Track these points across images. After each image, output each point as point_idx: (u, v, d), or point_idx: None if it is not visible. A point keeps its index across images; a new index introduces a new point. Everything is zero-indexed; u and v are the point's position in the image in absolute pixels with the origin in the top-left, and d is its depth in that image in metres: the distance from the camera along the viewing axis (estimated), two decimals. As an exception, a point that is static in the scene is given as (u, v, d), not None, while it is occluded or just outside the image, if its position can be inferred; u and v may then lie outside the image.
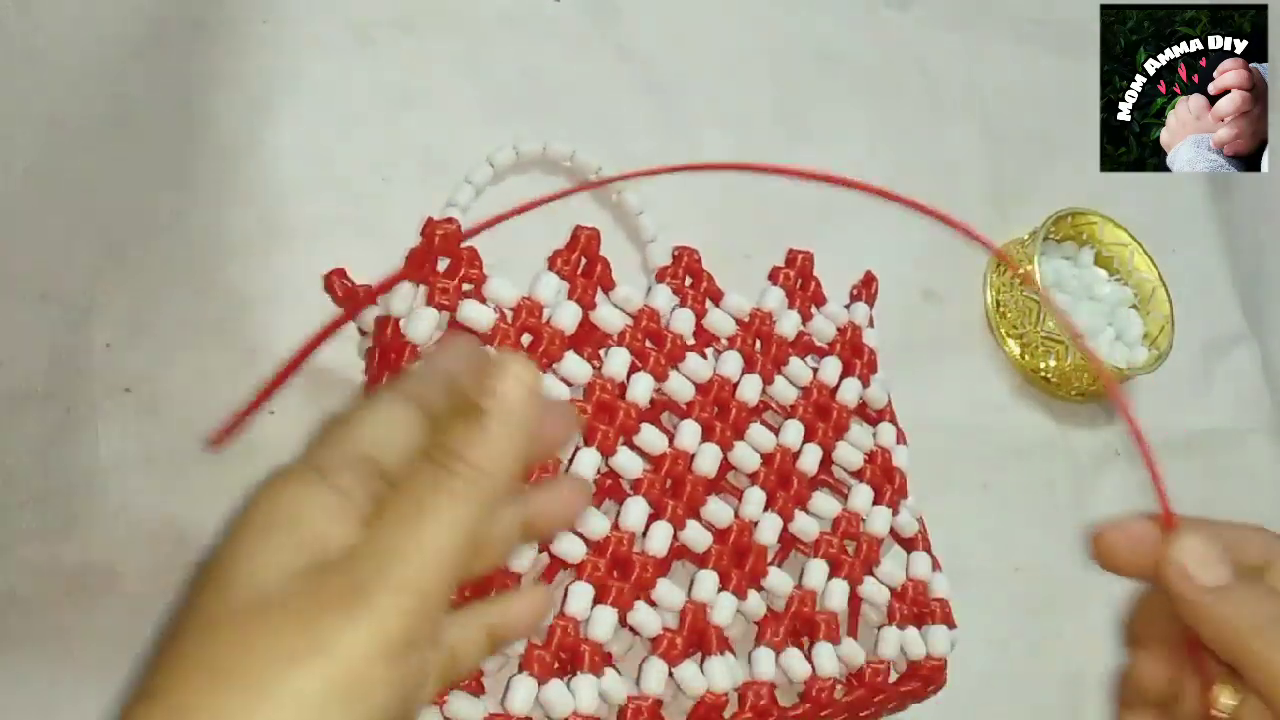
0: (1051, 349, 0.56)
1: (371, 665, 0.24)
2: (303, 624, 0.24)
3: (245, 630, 0.24)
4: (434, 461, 0.27)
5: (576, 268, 0.44)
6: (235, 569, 0.25)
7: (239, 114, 0.45)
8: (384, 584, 0.25)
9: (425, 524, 0.26)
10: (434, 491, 0.26)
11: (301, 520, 0.26)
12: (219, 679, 0.24)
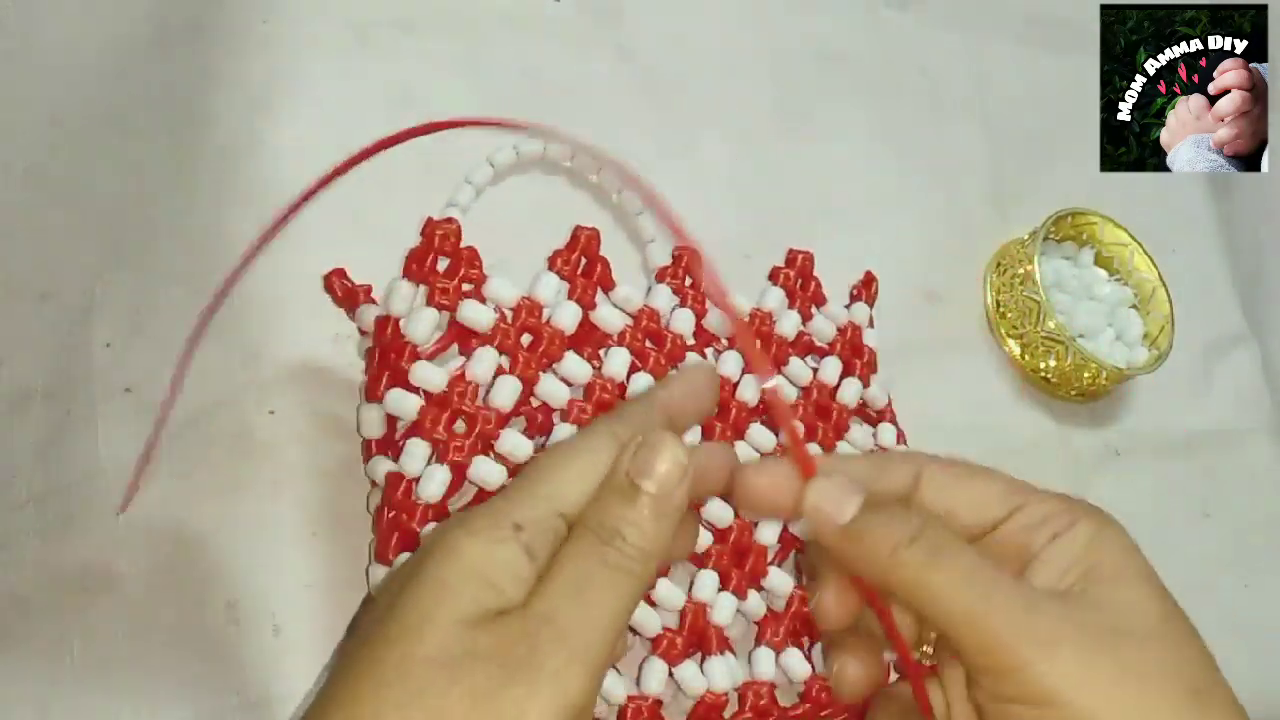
0: (1051, 349, 0.56)
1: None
2: (495, 691, 0.25)
3: (448, 686, 0.25)
4: (598, 537, 0.28)
5: (576, 268, 0.44)
6: (430, 623, 0.26)
7: (239, 114, 0.45)
8: (564, 657, 0.26)
9: (594, 596, 0.27)
10: (600, 567, 0.28)
11: (489, 579, 0.27)
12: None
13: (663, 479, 0.29)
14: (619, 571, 0.28)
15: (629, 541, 0.28)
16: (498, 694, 0.25)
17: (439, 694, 0.25)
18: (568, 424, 0.41)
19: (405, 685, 0.26)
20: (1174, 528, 0.58)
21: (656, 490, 0.29)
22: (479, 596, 0.27)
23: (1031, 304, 0.56)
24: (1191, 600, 0.60)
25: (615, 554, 0.28)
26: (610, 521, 0.28)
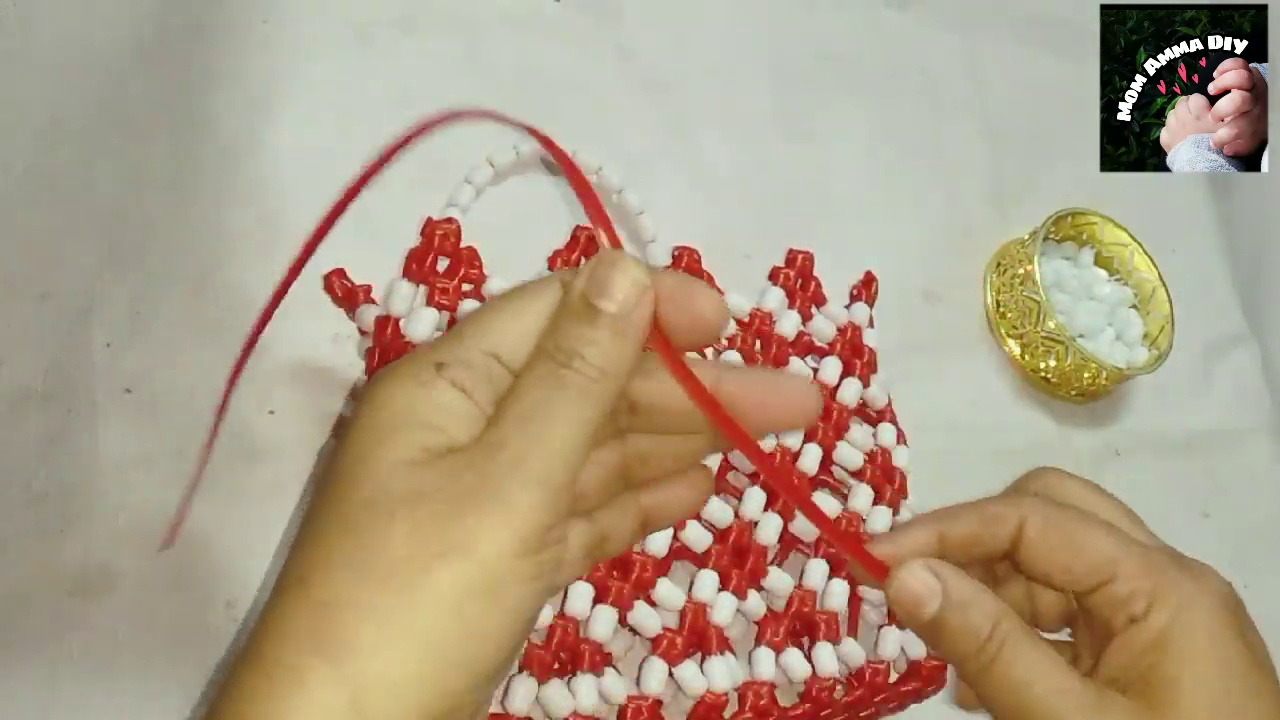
0: (1051, 349, 0.56)
1: (508, 563, 0.24)
2: (441, 523, 0.24)
3: (388, 526, 0.24)
4: (555, 360, 0.27)
5: (576, 267, 0.44)
6: (364, 465, 0.25)
7: (239, 114, 0.45)
8: (517, 481, 0.25)
9: (551, 422, 0.26)
10: (557, 389, 0.26)
11: (424, 419, 0.26)
12: (363, 576, 0.24)
13: (622, 297, 0.27)
14: (577, 393, 0.26)
15: (587, 361, 0.26)
16: (444, 525, 0.24)
17: (379, 532, 0.24)
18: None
19: (344, 530, 0.25)
20: (1174, 528, 0.58)
21: (616, 309, 0.27)
22: (416, 438, 0.26)
23: (1031, 304, 0.56)
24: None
25: (572, 375, 0.26)
26: (566, 343, 0.26)
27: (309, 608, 0.24)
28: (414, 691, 0.24)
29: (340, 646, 0.24)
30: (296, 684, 0.23)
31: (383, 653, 0.24)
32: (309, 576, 0.25)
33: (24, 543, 0.37)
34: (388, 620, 0.24)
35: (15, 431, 0.38)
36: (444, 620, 0.24)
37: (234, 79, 0.45)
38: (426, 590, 0.24)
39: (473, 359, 0.27)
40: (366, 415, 0.26)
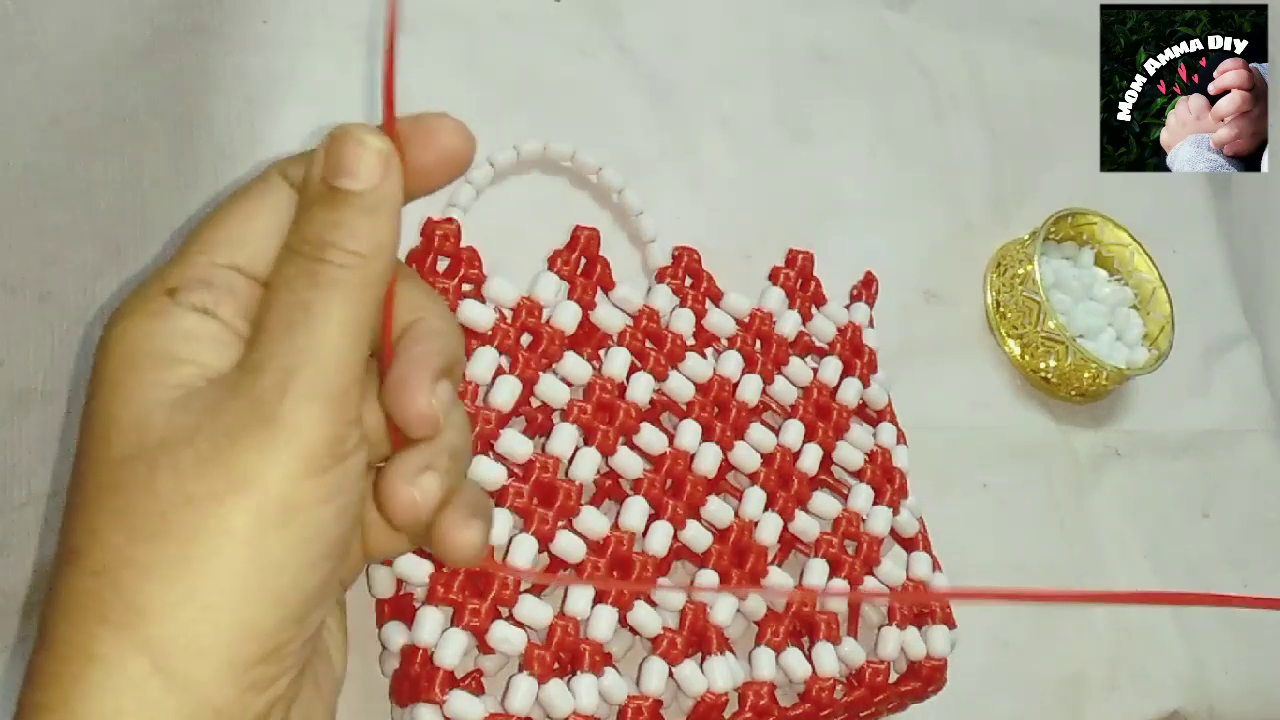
0: (1051, 349, 0.56)
1: (299, 486, 0.23)
2: (214, 458, 0.22)
3: (151, 476, 0.22)
4: (305, 256, 0.24)
5: (576, 268, 0.44)
6: (115, 416, 0.23)
7: (239, 114, 0.45)
8: (290, 399, 0.23)
9: (316, 325, 0.23)
10: (315, 288, 0.24)
11: (168, 354, 0.23)
12: (138, 531, 0.22)
13: (364, 170, 0.24)
14: (337, 286, 0.23)
15: (343, 249, 0.24)
16: (217, 462, 0.22)
17: (142, 484, 0.22)
18: (568, 424, 0.41)
19: (106, 489, 0.22)
20: (1174, 528, 0.58)
21: (361, 184, 0.24)
22: (164, 377, 0.23)
23: (1031, 304, 0.56)
24: (1191, 600, 0.60)
25: (330, 269, 0.23)
26: (314, 233, 0.24)
27: (87, 578, 0.22)
28: (221, 641, 0.22)
29: (128, 612, 0.22)
30: (91, 661, 0.22)
31: (176, 608, 0.22)
32: (80, 546, 0.23)
33: (24, 543, 0.37)
34: (174, 573, 0.22)
35: (15, 431, 0.38)
36: (237, 560, 0.22)
37: (234, 79, 0.45)
38: (211, 533, 0.22)
39: (209, 276, 0.24)
40: (102, 363, 0.24)
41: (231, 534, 0.22)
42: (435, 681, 0.36)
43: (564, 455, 0.40)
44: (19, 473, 0.38)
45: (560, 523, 0.39)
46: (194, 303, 0.24)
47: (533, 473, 0.39)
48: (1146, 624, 0.55)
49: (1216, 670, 0.55)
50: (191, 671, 0.22)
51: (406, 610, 0.38)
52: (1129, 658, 0.54)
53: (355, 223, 0.24)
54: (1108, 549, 0.56)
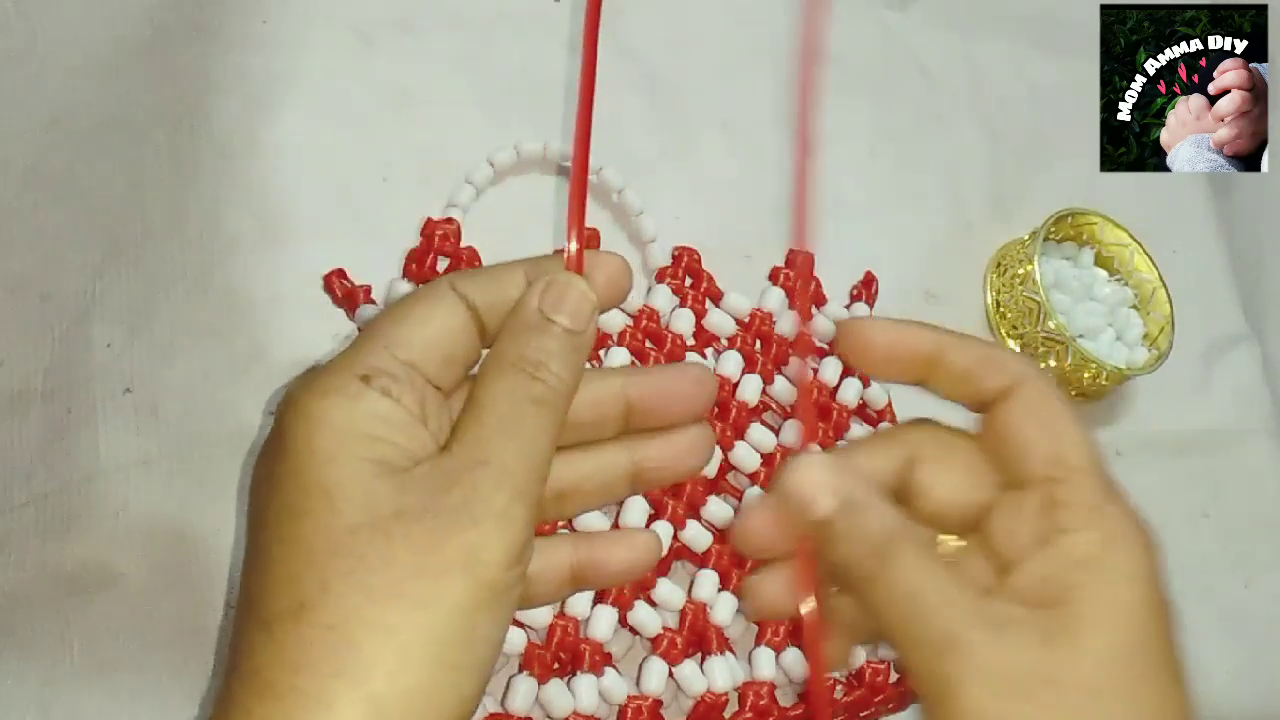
0: (1051, 349, 0.56)
1: (507, 572, 0.26)
2: (446, 539, 0.25)
3: (388, 545, 0.25)
4: (523, 373, 0.27)
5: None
6: (339, 484, 0.25)
7: (239, 114, 0.45)
8: (508, 495, 0.26)
9: (525, 432, 0.27)
10: (531, 403, 0.27)
11: (365, 431, 0.26)
12: (372, 595, 0.24)
13: (574, 312, 0.28)
14: (546, 406, 0.27)
15: (554, 373, 0.28)
16: (444, 541, 0.25)
17: (378, 552, 0.25)
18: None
19: (336, 553, 0.25)
20: (1174, 528, 0.58)
21: (570, 323, 0.28)
22: (370, 452, 0.26)
23: (1031, 304, 0.56)
24: (1191, 600, 0.60)
25: (542, 388, 0.27)
26: (531, 355, 0.28)
27: (318, 632, 0.24)
28: (434, 701, 0.25)
29: (360, 667, 0.24)
30: (320, 709, 0.24)
31: (403, 668, 0.24)
32: (311, 601, 0.25)
33: (24, 543, 0.37)
34: (405, 636, 0.24)
35: (15, 431, 0.38)
36: (456, 630, 0.25)
37: (234, 79, 0.45)
38: (439, 603, 0.25)
39: (393, 367, 0.27)
40: (304, 435, 0.26)
41: (453, 607, 0.25)
42: (435, 681, 0.36)
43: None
44: (19, 473, 0.38)
45: (560, 524, 0.39)
46: (384, 388, 0.27)
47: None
48: (1146, 624, 0.55)
49: (1217, 670, 0.55)
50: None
51: (406, 610, 0.38)
52: (1129, 658, 0.53)
53: (566, 355, 0.28)
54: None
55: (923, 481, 0.31)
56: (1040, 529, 0.28)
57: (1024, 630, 0.27)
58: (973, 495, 0.30)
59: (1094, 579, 0.27)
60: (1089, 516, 0.28)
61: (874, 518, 0.29)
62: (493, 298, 0.29)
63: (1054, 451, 0.29)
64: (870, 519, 0.29)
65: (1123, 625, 0.27)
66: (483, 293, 0.29)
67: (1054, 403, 0.30)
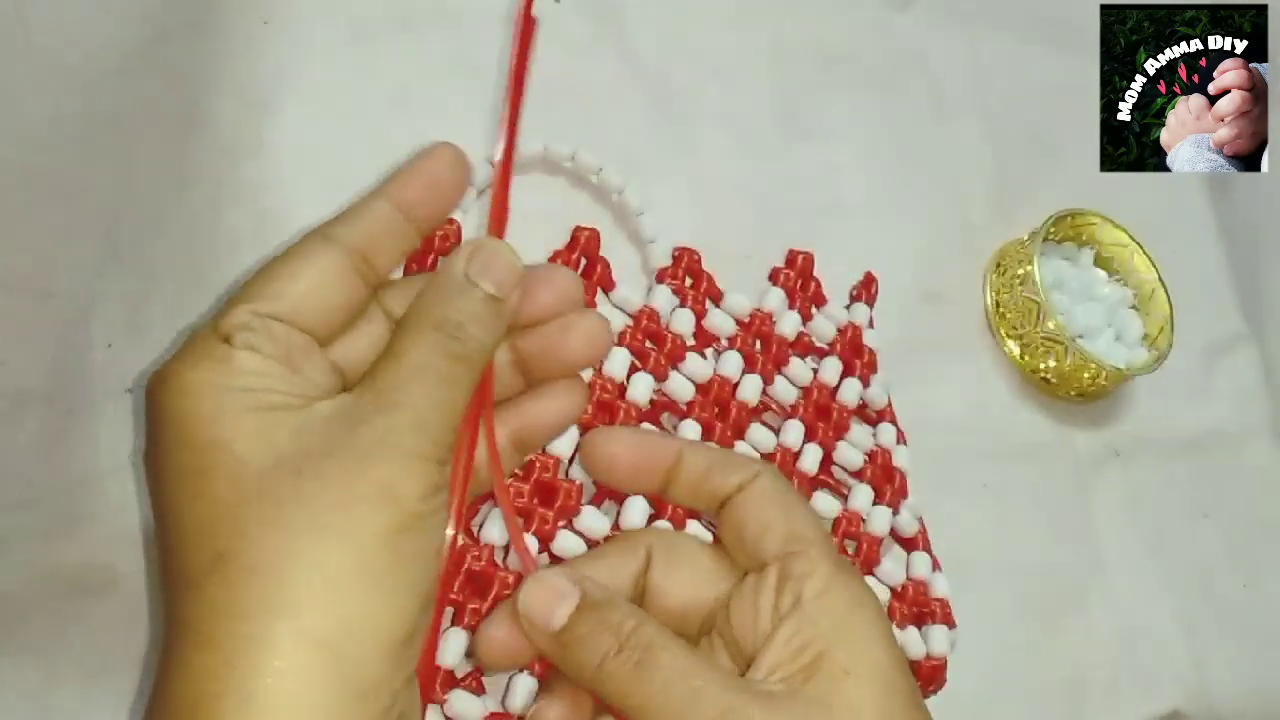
0: (1051, 349, 0.56)
1: (423, 503, 0.27)
2: (359, 474, 0.26)
3: (297, 483, 0.25)
4: (444, 333, 0.29)
5: (576, 268, 0.44)
6: (236, 439, 0.26)
7: (239, 114, 0.45)
8: (421, 437, 0.27)
9: (439, 383, 0.28)
10: (452, 360, 0.28)
11: (243, 385, 0.27)
12: (295, 530, 0.25)
13: (500, 280, 0.30)
14: (462, 363, 0.29)
15: (472, 335, 0.29)
16: (360, 479, 0.26)
17: (291, 490, 0.25)
18: (568, 424, 0.41)
19: (248, 500, 0.25)
20: (1174, 528, 0.58)
21: (495, 290, 0.30)
22: (255, 403, 0.26)
23: (1031, 304, 0.56)
24: (1191, 600, 0.60)
25: (460, 346, 0.28)
26: (453, 316, 0.29)
27: (243, 576, 0.24)
28: (378, 624, 0.25)
29: (291, 603, 0.24)
30: (263, 649, 0.24)
31: (335, 598, 0.25)
32: (229, 550, 0.25)
33: (24, 543, 0.37)
34: (331, 567, 0.25)
35: (15, 431, 0.38)
36: (382, 556, 0.25)
37: (234, 79, 0.45)
38: (360, 532, 0.25)
39: (253, 323, 0.28)
40: (182, 404, 0.26)
41: (376, 534, 0.25)
42: (436, 681, 0.36)
43: (564, 455, 0.40)
44: (18, 473, 0.38)
45: (560, 522, 0.39)
46: (247, 343, 0.27)
47: (533, 472, 0.39)
48: (1146, 624, 0.55)
49: (1216, 670, 0.55)
50: (352, 653, 0.25)
51: (406, 610, 0.38)
52: (1129, 658, 0.54)
53: (486, 319, 0.29)
54: (1108, 549, 0.56)
55: (657, 584, 0.33)
56: (783, 602, 0.30)
57: (794, 701, 0.28)
58: (708, 591, 0.32)
59: (846, 641, 0.29)
60: (830, 582, 0.30)
61: (617, 613, 0.30)
62: (363, 234, 0.30)
63: (790, 529, 0.31)
64: (613, 614, 0.30)
65: (881, 682, 0.29)
66: (352, 232, 0.30)
67: (786, 488, 0.33)
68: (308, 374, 0.28)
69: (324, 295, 0.29)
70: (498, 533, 0.38)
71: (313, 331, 0.29)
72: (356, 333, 0.31)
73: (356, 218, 0.31)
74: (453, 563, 0.37)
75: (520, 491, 0.39)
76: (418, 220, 0.32)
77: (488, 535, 0.38)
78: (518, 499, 0.39)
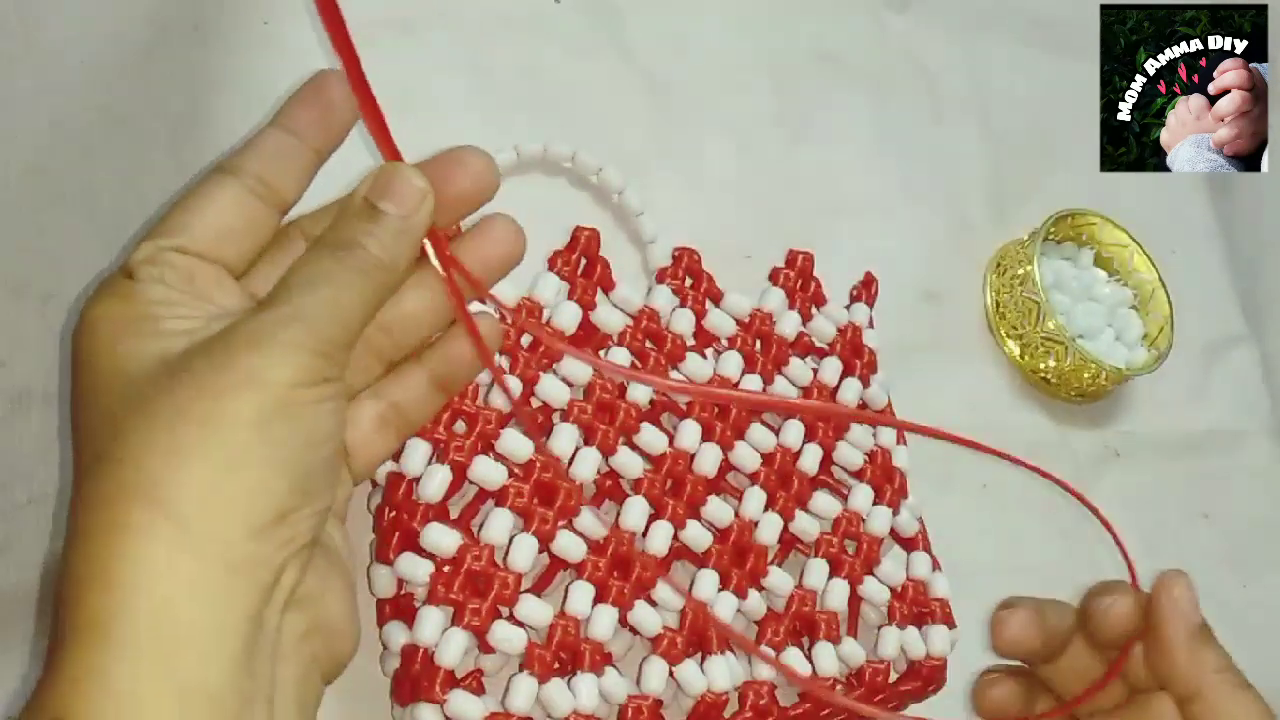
0: (1051, 349, 0.56)
1: (295, 390, 0.26)
2: (225, 362, 0.26)
3: (170, 381, 0.26)
4: (331, 246, 0.29)
5: (576, 268, 0.44)
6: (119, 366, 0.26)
7: (239, 114, 0.45)
8: (296, 327, 0.27)
9: (332, 288, 0.28)
10: (339, 266, 0.28)
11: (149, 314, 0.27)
12: (157, 421, 0.25)
13: (402, 198, 0.29)
14: (354, 270, 0.28)
15: (368, 250, 0.28)
16: (227, 368, 0.26)
17: (161, 389, 0.26)
18: (568, 424, 0.41)
19: (125, 406, 0.26)
20: (1174, 528, 0.58)
21: (395, 209, 0.29)
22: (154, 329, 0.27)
23: (1031, 304, 0.56)
24: (1191, 600, 0.59)
25: (351, 257, 0.28)
26: (346, 235, 0.29)
27: (110, 468, 0.25)
28: (238, 503, 0.25)
29: (154, 486, 0.25)
30: (125, 531, 0.24)
31: (196, 479, 0.25)
32: (104, 450, 0.26)
33: (25, 543, 0.37)
34: (191, 451, 0.25)
35: (16, 432, 0.39)
36: (248, 435, 0.26)
37: (234, 79, 0.45)
38: (222, 415, 0.25)
39: (154, 256, 0.28)
40: (88, 337, 0.27)
41: (239, 418, 0.26)
42: (436, 681, 0.36)
43: (564, 455, 0.40)
44: (20, 473, 0.38)
45: (560, 523, 0.39)
46: (149, 275, 0.28)
47: (533, 473, 0.40)
48: (1146, 624, 0.55)
49: (1216, 670, 0.55)
50: (213, 530, 0.25)
51: (407, 610, 0.38)
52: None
53: (384, 236, 0.29)
54: (1107, 549, 0.56)
55: None
56: None
57: None
58: None
59: None
60: None
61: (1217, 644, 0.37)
62: (260, 161, 0.30)
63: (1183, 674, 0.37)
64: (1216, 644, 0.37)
65: None
66: (249, 161, 0.30)
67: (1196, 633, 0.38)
68: (217, 300, 0.28)
69: (225, 222, 0.29)
70: (498, 533, 0.38)
71: (222, 260, 0.29)
72: (275, 262, 0.31)
73: (251, 147, 0.31)
74: None
75: (520, 491, 0.39)
76: (313, 142, 0.32)
77: (487, 536, 0.38)
78: (516, 499, 0.39)
